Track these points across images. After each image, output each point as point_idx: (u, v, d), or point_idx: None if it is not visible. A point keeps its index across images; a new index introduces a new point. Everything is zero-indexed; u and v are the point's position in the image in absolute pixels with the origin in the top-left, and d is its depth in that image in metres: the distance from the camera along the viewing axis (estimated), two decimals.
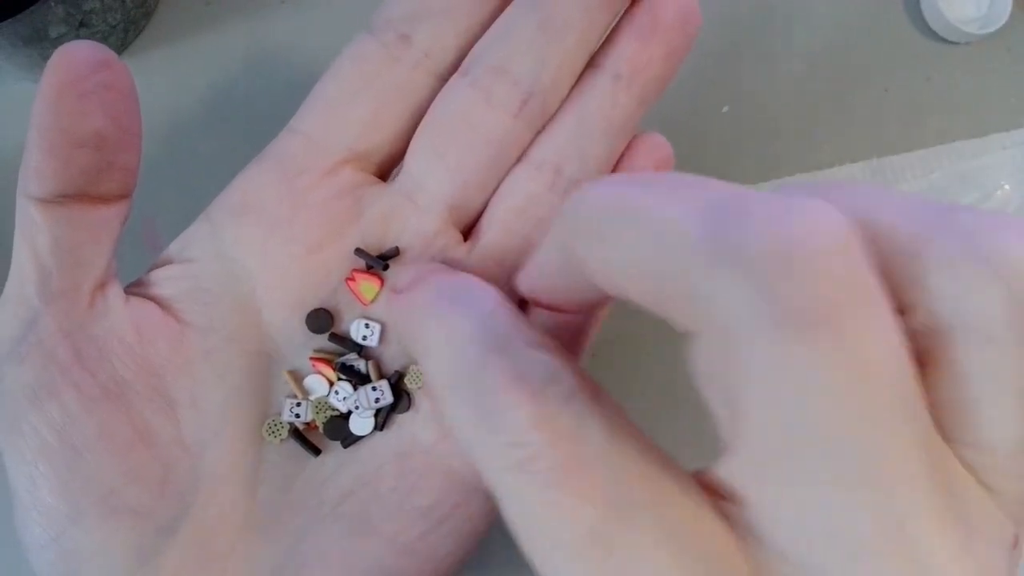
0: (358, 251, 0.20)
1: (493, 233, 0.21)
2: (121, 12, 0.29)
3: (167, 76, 0.31)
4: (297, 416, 0.20)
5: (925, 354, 0.12)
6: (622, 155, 0.22)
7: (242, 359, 0.20)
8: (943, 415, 0.12)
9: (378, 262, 0.20)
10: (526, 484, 0.13)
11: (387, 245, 0.20)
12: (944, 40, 0.34)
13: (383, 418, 0.20)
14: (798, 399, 0.11)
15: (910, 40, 0.34)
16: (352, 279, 0.20)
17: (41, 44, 0.27)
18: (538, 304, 0.17)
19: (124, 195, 0.19)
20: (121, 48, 0.31)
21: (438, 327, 0.15)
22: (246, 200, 0.20)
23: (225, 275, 0.20)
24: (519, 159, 0.21)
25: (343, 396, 0.20)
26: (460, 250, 0.21)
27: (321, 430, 0.20)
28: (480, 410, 0.13)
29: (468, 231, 0.21)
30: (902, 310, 0.12)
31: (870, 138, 0.33)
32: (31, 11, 0.25)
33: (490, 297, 0.15)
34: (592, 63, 0.21)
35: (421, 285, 0.16)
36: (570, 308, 0.17)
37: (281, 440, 0.20)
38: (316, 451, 0.20)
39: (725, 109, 0.33)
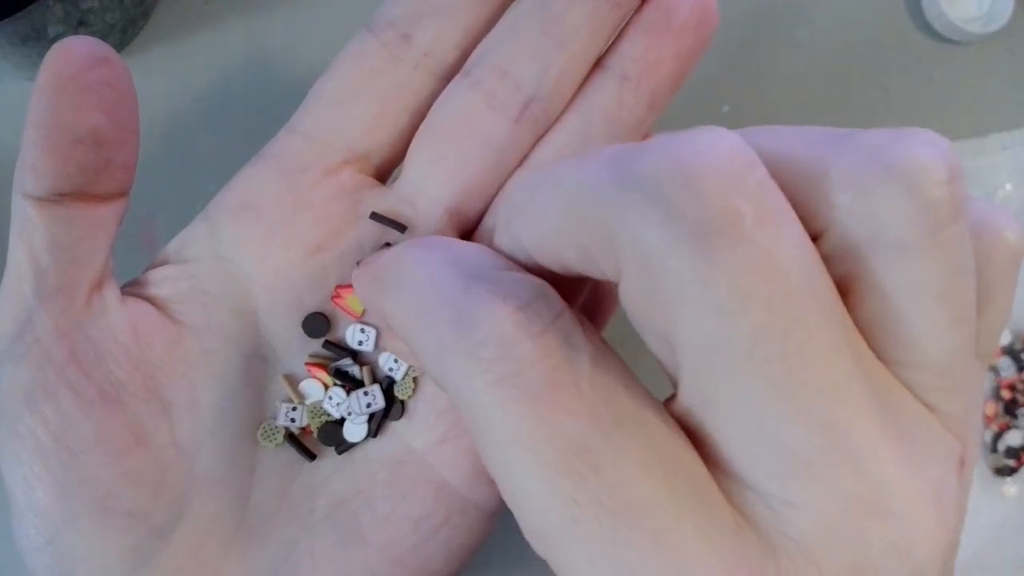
0: (374, 215, 0.20)
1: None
2: (119, 11, 0.29)
3: (166, 75, 0.31)
4: (292, 420, 0.20)
5: (845, 279, 0.12)
6: None
7: (239, 361, 0.20)
8: (872, 337, 0.12)
9: (395, 224, 0.20)
10: (509, 400, 0.12)
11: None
12: (945, 39, 0.34)
13: (376, 424, 0.20)
14: (718, 311, 0.11)
15: (911, 39, 0.34)
16: (338, 296, 0.20)
17: (39, 43, 0.27)
18: None
19: (122, 193, 0.19)
20: (120, 47, 0.31)
21: (412, 262, 0.14)
22: (246, 200, 0.20)
23: (223, 276, 0.20)
24: (521, 163, 0.21)
25: (337, 402, 0.20)
26: None
27: (315, 436, 0.20)
28: (460, 327, 0.12)
29: (468, 236, 0.21)
30: (815, 236, 0.12)
31: None
32: (29, 10, 0.25)
33: (467, 243, 0.15)
34: (599, 63, 0.21)
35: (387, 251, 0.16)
36: None
37: (276, 445, 0.20)
38: (311, 456, 0.20)
39: (725, 109, 0.33)
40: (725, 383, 0.11)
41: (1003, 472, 0.31)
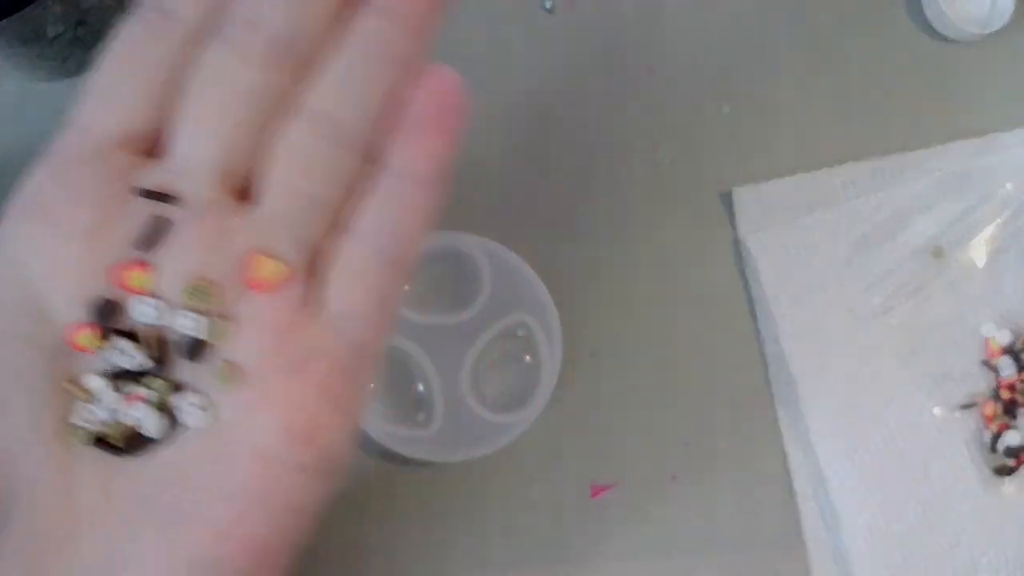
0: (142, 192, 0.20)
1: (277, 196, 0.20)
2: (119, 11, 0.29)
3: None
4: (87, 422, 0.20)
5: None
6: (406, 92, 0.21)
7: (42, 361, 0.20)
8: None
9: (165, 197, 0.20)
10: None
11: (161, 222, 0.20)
12: (946, 39, 0.34)
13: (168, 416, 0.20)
14: None
15: (911, 39, 0.34)
16: (118, 276, 0.20)
17: (39, 43, 0.27)
18: None
19: None
20: None
21: None
22: (25, 200, 0.20)
23: (9, 279, 0.20)
24: (289, 112, 0.20)
25: (114, 408, 0.20)
26: (240, 215, 0.20)
27: (124, 448, 0.20)
28: None
29: (245, 195, 0.21)
30: None
31: (870, 138, 0.33)
32: (29, 10, 0.25)
33: None
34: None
35: None
36: None
37: (84, 442, 0.20)
38: (118, 451, 0.20)
39: (725, 109, 0.33)
40: None
41: (1002, 472, 0.31)
